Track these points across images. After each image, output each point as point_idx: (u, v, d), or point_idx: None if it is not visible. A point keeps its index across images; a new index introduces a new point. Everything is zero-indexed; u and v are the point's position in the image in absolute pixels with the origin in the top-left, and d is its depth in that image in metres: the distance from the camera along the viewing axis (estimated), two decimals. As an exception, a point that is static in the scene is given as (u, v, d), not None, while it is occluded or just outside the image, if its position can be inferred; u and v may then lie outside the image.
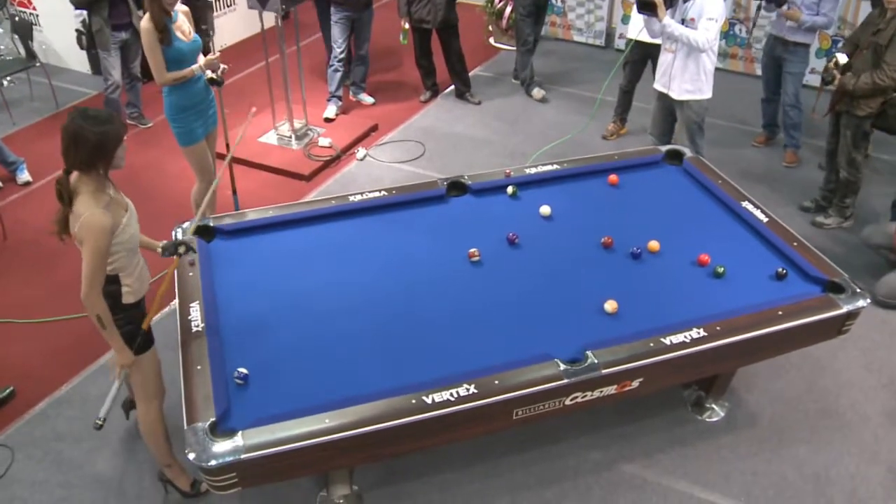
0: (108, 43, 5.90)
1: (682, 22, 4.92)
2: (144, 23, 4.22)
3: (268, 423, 2.75)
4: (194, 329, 3.14)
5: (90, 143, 2.74)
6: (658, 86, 5.33)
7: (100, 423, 3.01)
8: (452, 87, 7.31)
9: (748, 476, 3.63)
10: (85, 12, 5.93)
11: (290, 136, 6.22)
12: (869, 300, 3.42)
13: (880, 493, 3.58)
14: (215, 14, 7.88)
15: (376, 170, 6.11)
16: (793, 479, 3.62)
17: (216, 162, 4.91)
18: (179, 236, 3.68)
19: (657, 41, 5.44)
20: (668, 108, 5.38)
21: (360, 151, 6.26)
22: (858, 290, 3.43)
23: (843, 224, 5.37)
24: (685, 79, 5.08)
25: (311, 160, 6.07)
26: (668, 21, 4.87)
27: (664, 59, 5.20)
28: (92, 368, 4.20)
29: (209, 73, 4.52)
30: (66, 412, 3.96)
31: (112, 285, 2.99)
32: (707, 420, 3.91)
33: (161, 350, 3.36)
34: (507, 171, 4.30)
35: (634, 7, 5.23)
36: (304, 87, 6.32)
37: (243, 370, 2.97)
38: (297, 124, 6.28)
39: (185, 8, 4.46)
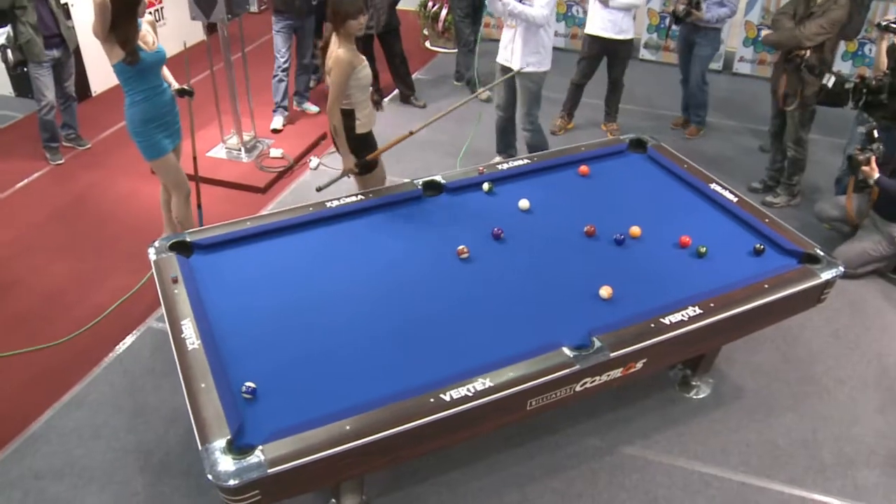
0: (42, 54, 5.61)
1: (521, 0, 5.15)
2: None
3: (285, 435, 2.67)
4: (191, 347, 3.02)
5: (332, 10, 4.03)
6: (500, 60, 5.54)
7: (320, 188, 4.62)
8: (395, 91, 7.30)
9: (742, 447, 3.74)
10: (9, 27, 5.63)
11: (240, 149, 6.08)
12: (842, 268, 3.58)
13: (864, 450, 3.75)
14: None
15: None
16: (784, 446, 3.75)
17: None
18: (153, 257, 3.56)
19: (608, 34, 5.65)
20: (511, 81, 5.59)
21: (313, 160, 6.17)
22: (832, 259, 3.59)
23: (791, 202, 5.60)
24: (526, 52, 5.32)
25: (263, 172, 5.96)
26: (508, 2, 5.11)
27: (506, 34, 5.42)
28: (64, 400, 3.98)
29: (176, 85, 4.40)
30: (43, 448, 3.75)
31: (350, 119, 4.31)
32: (695, 397, 4.01)
33: (158, 374, 3.23)
34: (480, 168, 4.32)
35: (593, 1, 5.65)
36: (251, 99, 6.20)
37: (251, 384, 2.88)
38: (246, 136, 6.15)
39: (150, 17, 4.30)
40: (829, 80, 4.78)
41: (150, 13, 4.33)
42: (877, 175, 4.50)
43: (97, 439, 3.78)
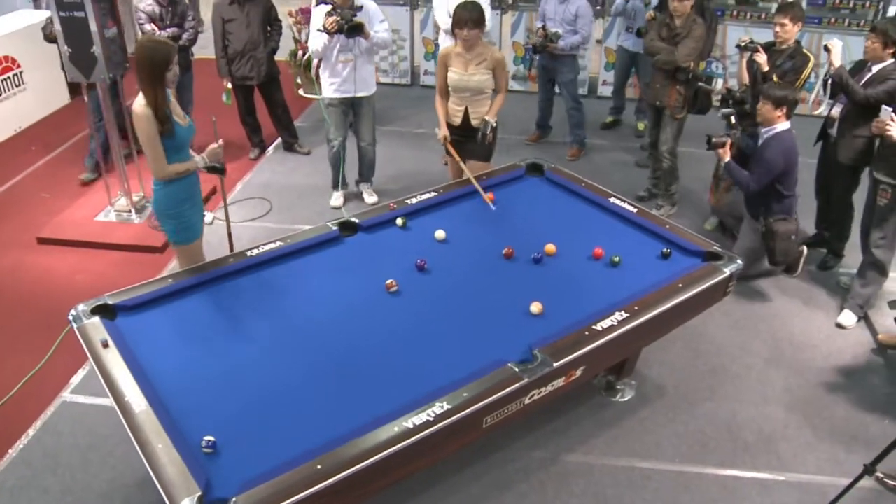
0: None
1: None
2: (140, 108, 3.72)
3: (256, 484, 2.64)
4: (138, 410, 2.93)
5: None
6: (340, 93, 5.80)
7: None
8: (279, 140, 7.30)
9: (674, 439, 3.98)
10: None
11: (130, 211, 5.89)
12: (741, 262, 3.91)
13: (779, 425, 4.10)
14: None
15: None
16: (711, 433, 4.03)
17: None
18: (75, 324, 3.42)
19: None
20: (347, 112, 5.96)
21: (207, 216, 6.03)
22: (731, 255, 3.92)
23: (671, 211, 6.02)
24: (366, 75, 5.83)
25: (158, 231, 5.78)
26: (373, 34, 5.55)
27: (340, 70, 5.69)
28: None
29: (210, 162, 4.16)
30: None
31: None
32: (621, 400, 4.23)
33: (83, 448, 3.06)
34: (391, 204, 4.42)
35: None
36: (137, 158, 6.02)
37: (210, 438, 2.82)
38: (135, 197, 5.96)
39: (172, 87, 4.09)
40: (716, 85, 5.31)
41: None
42: (727, 158, 4.96)
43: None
